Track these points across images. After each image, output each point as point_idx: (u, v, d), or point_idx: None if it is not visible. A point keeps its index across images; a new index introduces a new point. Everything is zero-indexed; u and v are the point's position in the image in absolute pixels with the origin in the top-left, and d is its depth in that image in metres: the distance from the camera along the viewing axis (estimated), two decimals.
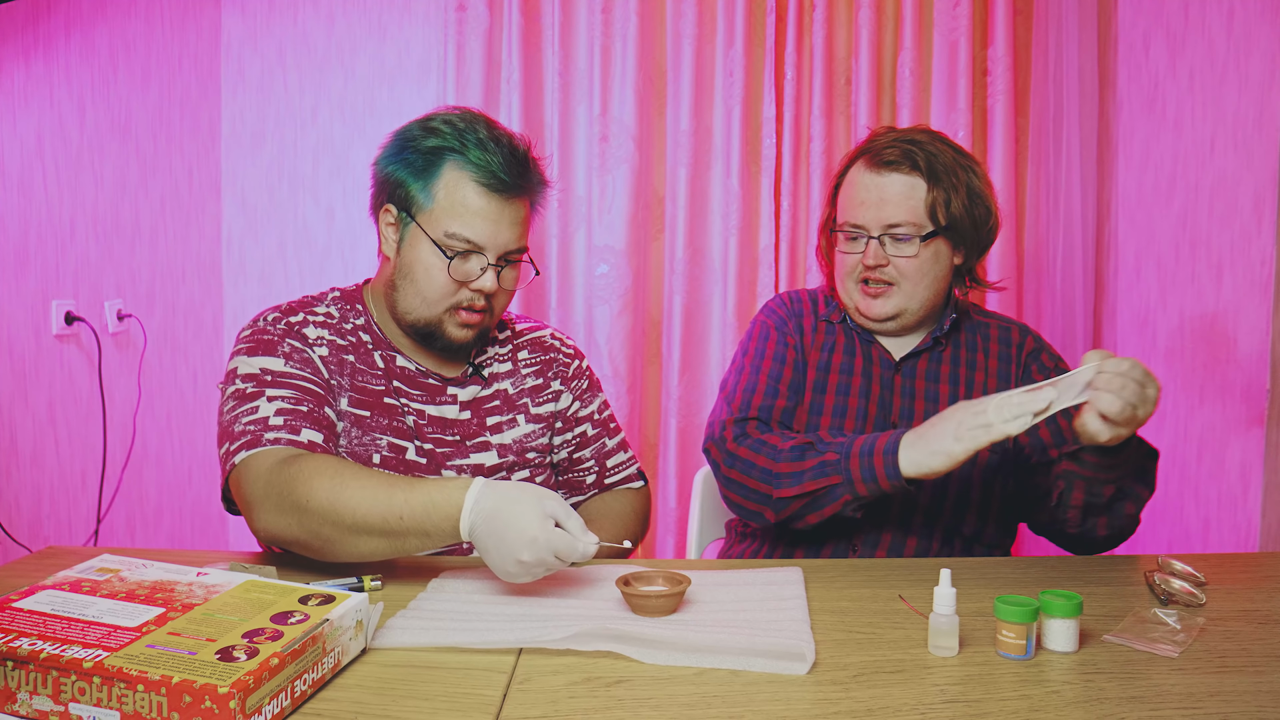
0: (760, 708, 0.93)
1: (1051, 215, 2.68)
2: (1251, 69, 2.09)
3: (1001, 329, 1.65)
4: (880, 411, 1.57)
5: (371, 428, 1.41)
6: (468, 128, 1.38)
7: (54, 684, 0.85)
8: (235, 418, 1.32)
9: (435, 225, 1.37)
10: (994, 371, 1.60)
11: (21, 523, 2.11)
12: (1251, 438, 2.06)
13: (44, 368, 2.20)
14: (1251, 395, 2.06)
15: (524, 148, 1.41)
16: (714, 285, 2.76)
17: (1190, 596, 1.20)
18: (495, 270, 1.39)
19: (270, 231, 2.88)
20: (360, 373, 1.43)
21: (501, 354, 1.55)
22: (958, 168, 1.54)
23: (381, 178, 1.43)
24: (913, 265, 1.53)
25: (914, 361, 1.60)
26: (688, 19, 2.70)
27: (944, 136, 1.59)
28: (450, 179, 1.37)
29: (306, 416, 1.32)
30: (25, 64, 2.11)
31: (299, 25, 2.84)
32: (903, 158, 1.52)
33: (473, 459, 1.47)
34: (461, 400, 1.49)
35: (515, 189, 1.38)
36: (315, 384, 1.37)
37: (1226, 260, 2.16)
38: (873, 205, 1.53)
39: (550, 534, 1.12)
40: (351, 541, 1.19)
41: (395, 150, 1.41)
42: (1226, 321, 2.16)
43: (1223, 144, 2.18)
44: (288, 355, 1.37)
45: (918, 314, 1.57)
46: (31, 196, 2.14)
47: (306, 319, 1.43)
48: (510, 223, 1.39)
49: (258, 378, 1.34)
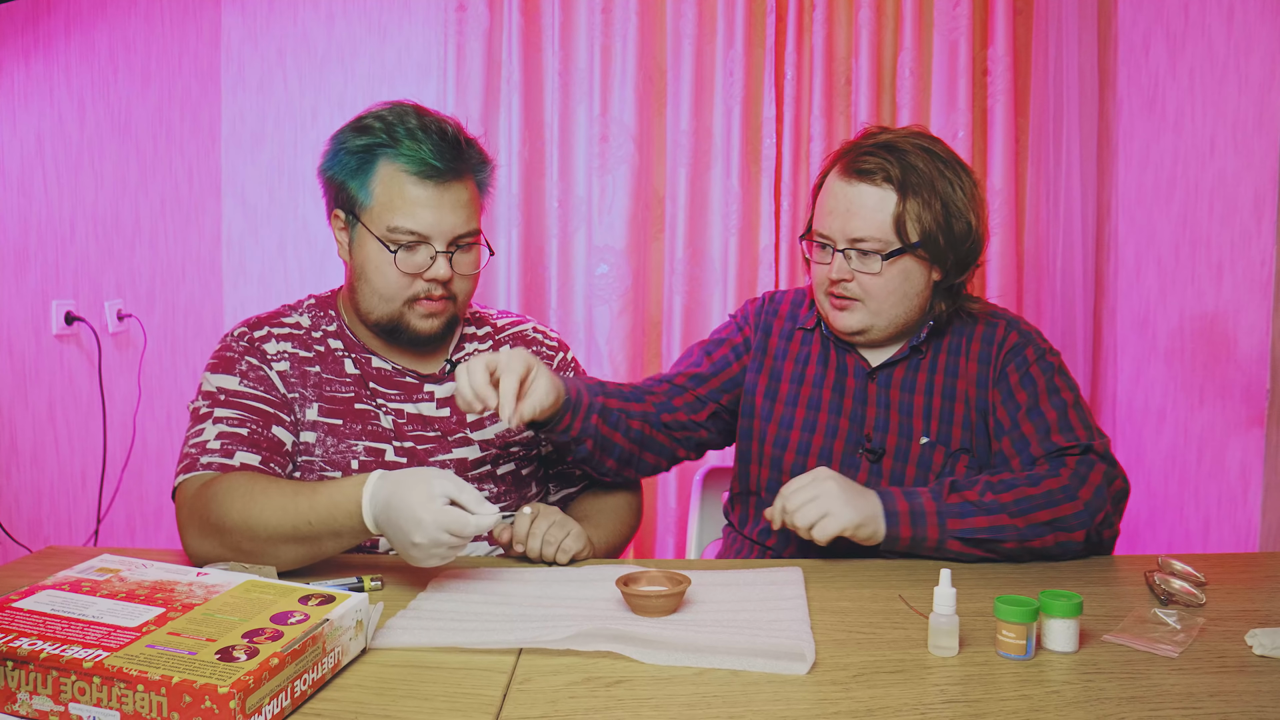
0: (760, 708, 0.93)
1: (1051, 215, 2.68)
2: (1251, 69, 2.09)
3: (988, 326, 1.54)
4: (852, 425, 1.52)
5: (346, 434, 1.42)
6: (396, 120, 1.38)
7: (54, 684, 0.85)
8: (186, 439, 1.38)
9: (377, 222, 1.38)
10: (973, 377, 1.50)
11: (21, 523, 2.11)
12: (1251, 438, 2.06)
13: (44, 368, 2.20)
14: (1251, 395, 2.06)
15: (454, 129, 1.40)
16: (714, 285, 2.76)
17: (1190, 596, 1.20)
18: (446, 257, 1.39)
19: (270, 231, 2.88)
20: (328, 382, 1.44)
21: (482, 350, 1.55)
22: (938, 179, 1.44)
23: (325, 183, 1.44)
24: (876, 284, 1.45)
25: (890, 370, 1.53)
26: (688, 19, 2.70)
27: (932, 143, 1.48)
28: (385, 174, 1.37)
29: (245, 440, 1.35)
30: (25, 64, 2.11)
31: (299, 25, 2.84)
32: (876, 168, 1.43)
33: (455, 454, 1.47)
34: (439, 397, 1.49)
35: (451, 172, 1.38)
36: (266, 402, 1.39)
37: (1226, 260, 2.16)
38: (840, 216, 1.45)
39: (438, 513, 1.12)
40: (271, 553, 1.23)
41: (332, 154, 1.42)
42: (1226, 321, 2.16)
43: (1223, 144, 2.18)
44: (244, 374, 1.40)
45: (887, 330, 1.50)
46: (31, 196, 2.14)
47: (270, 333, 1.45)
48: (453, 207, 1.38)
49: (213, 396, 1.39)
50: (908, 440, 1.50)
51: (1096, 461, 1.39)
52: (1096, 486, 1.37)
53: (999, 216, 2.68)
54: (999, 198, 2.68)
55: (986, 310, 1.57)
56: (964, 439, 1.49)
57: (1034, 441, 1.43)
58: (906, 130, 1.50)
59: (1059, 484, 1.36)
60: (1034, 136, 2.71)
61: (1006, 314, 1.57)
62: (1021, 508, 1.34)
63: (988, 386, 1.50)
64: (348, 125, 1.42)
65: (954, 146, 2.64)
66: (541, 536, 1.33)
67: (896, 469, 1.50)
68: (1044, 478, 1.36)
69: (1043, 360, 1.49)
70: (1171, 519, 2.35)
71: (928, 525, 1.34)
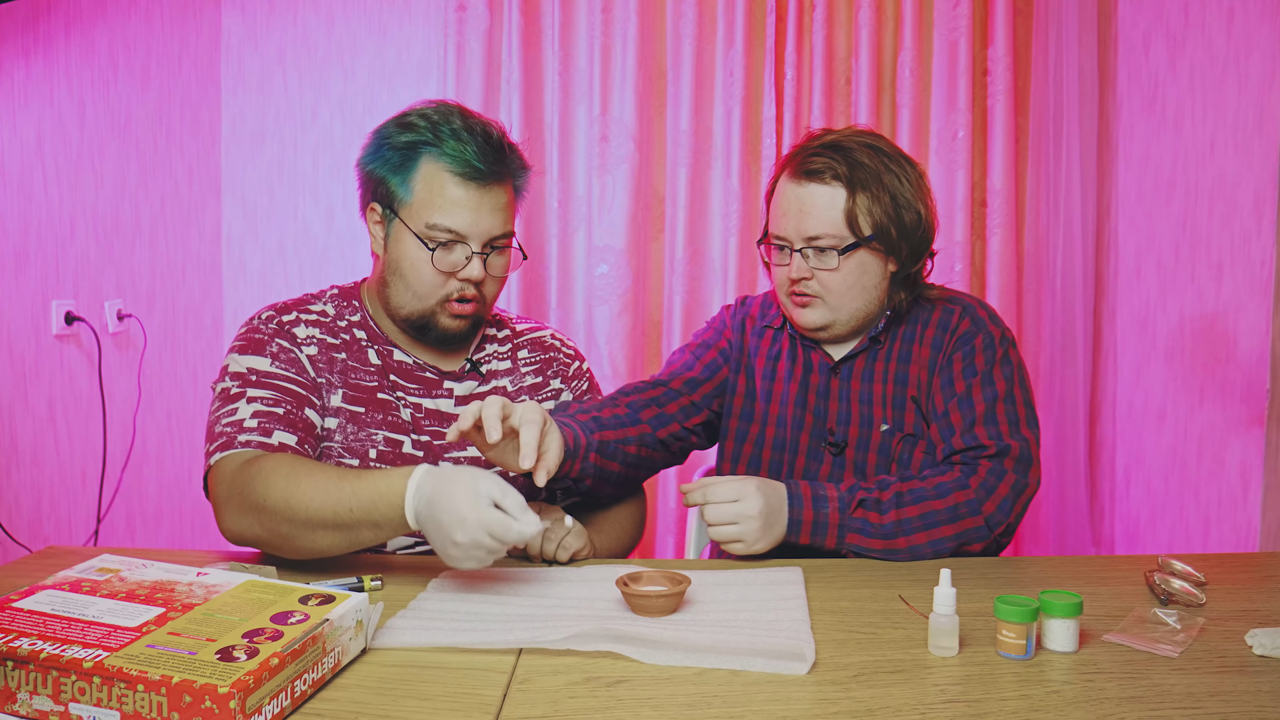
0: (760, 708, 0.93)
1: (1051, 215, 2.68)
2: (1251, 69, 2.09)
3: (945, 311, 1.55)
4: (816, 419, 1.57)
5: (367, 423, 1.43)
6: (442, 120, 1.40)
7: (54, 684, 0.85)
8: (217, 418, 1.36)
9: (416, 218, 1.39)
10: (925, 361, 1.53)
11: (21, 523, 2.11)
12: (1251, 438, 2.06)
13: (44, 368, 2.20)
14: (1251, 395, 2.06)
15: (498, 134, 1.42)
16: (714, 285, 2.76)
17: (1190, 596, 1.20)
18: (481, 258, 1.40)
19: (270, 231, 2.88)
20: (353, 370, 1.45)
21: (501, 352, 1.57)
22: (884, 173, 1.48)
23: (364, 177, 1.45)
24: (835, 279, 1.49)
25: (851, 363, 1.56)
26: (688, 19, 2.70)
27: (876, 139, 1.52)
28: (427, 171, 1.38)
29: (282, 419, 1.35)
30: (25, 64, 2.11)
31: (299, 25, 2.84)
32: (824, 167, 1.47)
33: (470, 451, 1.48)
34: (458, 395, 1.50)
35: (493, 175, 1.39)
36: (298, 384, 1.39)
37: (1226, 260, 2.16)
38: (794, 216, 1.49)
39: (483, 514, 1.11)
40: (308, 537, 1.22)
41: (374, 148, 1.43)
42: (1226, 321, 2.16)
43: (1223, 144, 2.18)
44: (275, 355, 1.40)
45: (849, 324, 1.53)
46: (31, 196, 2.14)
47: (299, 317, 1.45)
48: (491, 209, 1.40)
49: (244, 377, 1.38)
50: (869, 430, 1.54)
51: (1008, 471, 1.43)
52: (1001, 500, 1.42)
53: (999, 216, 2.68)
54: (999, 198, 2.68)
55: (945, 296, 1.59)
56: (915, 424, 1.52)
57: (957, 432, 1.47)
58: (850, 130, 1.54)
59: (965, 497, 1.41)
60: (1034, 136, 2.71)
61: (964, 299, 1.58)
62: (926, 522, 1.39)
63: (934, 372, 1.53)
64: (391, 120, 1.43)
65: (954, 146, 2.66)
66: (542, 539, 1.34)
67: (859, 459, 1.54)
68: (952, 489, 1.41)
69: (990, 349, 1.51)
70: (1171, 519, 2.35)
71: (827, 536, 1.40)
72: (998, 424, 1.45)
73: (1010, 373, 1.50)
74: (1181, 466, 2.31)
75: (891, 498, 1.40)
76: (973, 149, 2.68)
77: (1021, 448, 1.44)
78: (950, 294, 1.60)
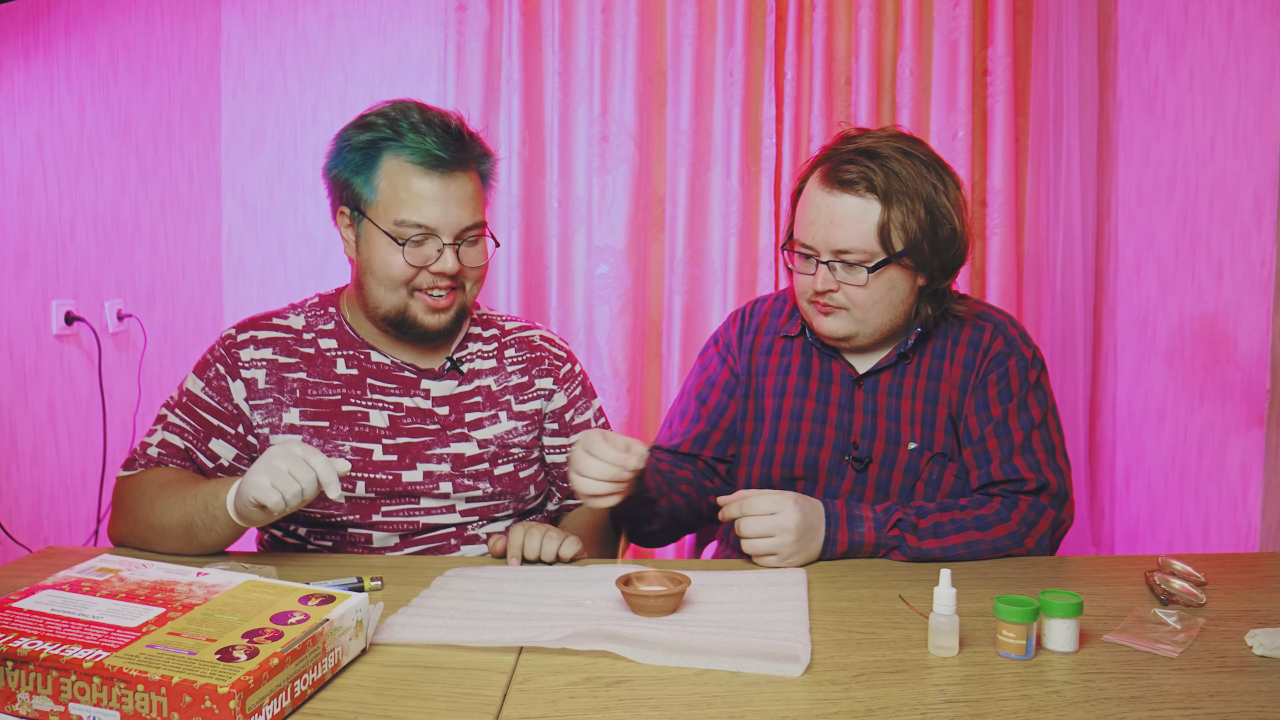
0: (760, 708, 0.93)
1: (1051, 215, 2.68)
2: (1251, 69, 2.09)
3: (975, 329, 1.51)
4: (839, 433, 1.51)
5: (333, 435, 1.44)
6: (399, 115, 1.39)
7: (54, 684, 0.85)
8: (149, 429, 1.47)
9: (384, 216, 1.38)
10: (956, 381, 1.48)
11: (21, 523, 2.11)
12: (1251, 438, 2.06)
13: (44, 368, 2.20)
14: (1251, 395, 2.06)
15: (457, 122, 1.42)
16: (714, 285, 2.76)
17: (1190, 596, 1.20)
18: (454, 249, 1.39)
19: (270, 231, 2.88)
20: (311, 386, 1.45)
21: (486, 350, 1.55)
22: (921, 183, 1.40)
23: (330, 183, 1.45)
24: (863, 294, 1.43)
25: (876, 377, 1.51)
26: (688, 19, 2.70)
27: (912, 144, 1.44)
28: (389, 167, 1.38)
29: (181, 453, 1.44)
30: (25, 64, 2.11)
31: (299, 25, 2.84)
32: (858, 177, 1.39)
33: (453, 448, 1.47)
34: (435, 395, 1.48)
35: (455, 163, 1.39)
36: (215, 414, 1.45)
37: (1226, 260, 2.16)
38: (823, 227, 1.41)
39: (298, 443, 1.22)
40: (161, 528, 1.34)
41: (336, 152, 1.42)
42: (1226, 321, 2.16)
43: (1223, 144, 2.18)
44: (209, 380, 1.46)
45: (872, 337, 1.48)
46: (31, 196, 2.14)
47: (254, 337, 1.47)
48: (458, 199, 1.39)
49: (177, 399, 1.47)
50: (895, 446, 1.49)
51: (1046, 507, 1.42)
52: (1041, 536, 1.42)
53: (999, 216, 2.68)
54: (999, 198, 2.68)
55: (974, 312, 1.54)
56: (945, 443, 1.49)
57: (995, 461, 1.44)
58: (885, 133, 1.46)
59: (1007, 530, 1.40)
60: (1034, 136, 2.71)
61: (994, 315, 1.54)
62: (971, 550, 1.38)
63: (966, 392, 1.49)
64: (351, 124, 1.43)
65: (954, 146, 2.66)
66: (539, 545, 1.34)
67: (883, 477, 1.49)
68: (993, 522, 1.39)
69: (1024, 373, 1.48)
70: (1171, 519, 2.35)
71: (862, 554, 1.39)
72: (1035, 454, 1.43)
73: (1044, 398, 1.48)
74: (1181, 467, 2.31)
75: (930, 526, 1.37)
76: (973, 149, 2.68)
77: (1059, 483, 1.43)
78: (979, 308, 1.55)
